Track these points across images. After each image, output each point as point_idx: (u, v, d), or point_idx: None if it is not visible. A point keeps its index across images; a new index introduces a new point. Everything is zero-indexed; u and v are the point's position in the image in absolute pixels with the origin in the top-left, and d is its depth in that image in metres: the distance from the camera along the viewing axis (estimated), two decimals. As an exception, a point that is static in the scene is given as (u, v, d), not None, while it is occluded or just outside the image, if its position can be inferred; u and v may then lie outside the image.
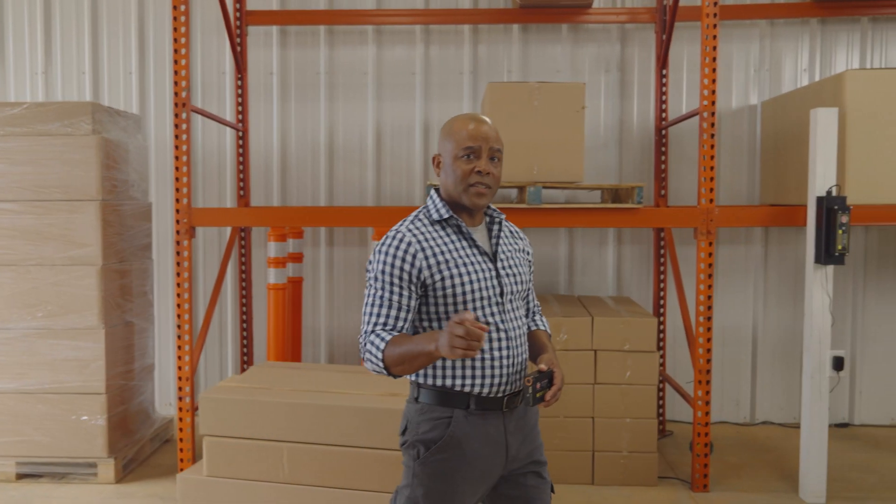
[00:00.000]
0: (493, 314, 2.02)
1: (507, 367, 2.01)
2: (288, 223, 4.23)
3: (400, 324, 1.96)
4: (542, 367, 2.01)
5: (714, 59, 3.84)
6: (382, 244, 2.00)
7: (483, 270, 2.02)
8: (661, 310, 4.98)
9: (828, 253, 3.67)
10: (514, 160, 3.90)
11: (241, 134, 4.99)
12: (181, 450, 3.98)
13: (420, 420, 2.02)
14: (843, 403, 5.15)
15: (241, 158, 5.01)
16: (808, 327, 3.82)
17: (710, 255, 3.90)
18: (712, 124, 3.84)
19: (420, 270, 1.96)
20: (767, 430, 5.05)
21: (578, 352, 4.04)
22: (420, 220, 2.05)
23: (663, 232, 4.90)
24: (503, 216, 2.15)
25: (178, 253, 3.97)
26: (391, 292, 1.95)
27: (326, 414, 3.13)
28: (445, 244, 2.01)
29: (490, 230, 2.12)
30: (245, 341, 5.12)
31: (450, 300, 1.98)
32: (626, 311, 4.22)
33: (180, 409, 3.98)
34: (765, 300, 5.10)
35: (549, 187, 3.96)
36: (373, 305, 1.97)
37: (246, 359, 5.11)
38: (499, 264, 2.07)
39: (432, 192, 2.11)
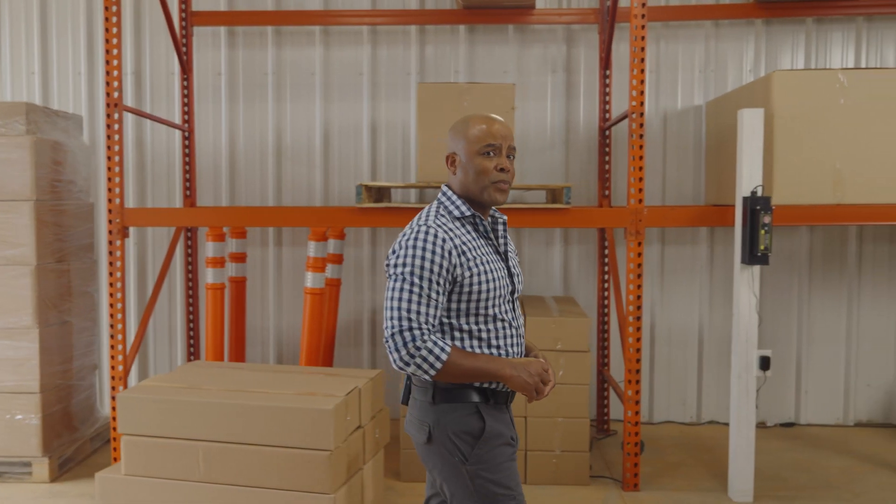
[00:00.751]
0: (506, 312, 2.09)
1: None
2: (220, 223, 4.24)
3: (435, 321, 1.97)
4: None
5: (643, 61, 3.85)
6: (416, 239, 1.98)
7: (499, 269, 2.08)
8: (605, 309, 5.00)
9: (752, 253, 3.69)
10: (439, 160, 3.92)
11: (186, 134, 5.00)
12: (115, 449, 4.00)
13: (449, 420, 2.02)
14: (789, 403, 5.17)
15: (186, 159, 5.02)
16: (736, 327, 3.84)
17: (640, 255, 3.91)
18: (641, 125, 3.85)
19: (455, 267, 1.98)
20: (713, 429, 5.07)
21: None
22: (443, 216, 2.05)
23: (606, 232, 4.92)
24: (505, 217, 2.20)
25: (110, 253, 3.99)
26: (430, 288, 1.95)
27: (240, 413, 3.14)
28: (470, 241, 2.04)
29: (495, 230, 2.17)
30: (192, 340, 5.13)
31: (473, 297, 2.01)
32: (562, 311, 4.24)
33: (113, 409, 3.99)
34: (710, 300, 5.12)
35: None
36: (410, 301, 1.94)
37: (192, 358, 5.12)
38: (509, 263, 2.15)
39: (446, 189, 2.12)
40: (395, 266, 1.98)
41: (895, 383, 5.11)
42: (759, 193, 3.70)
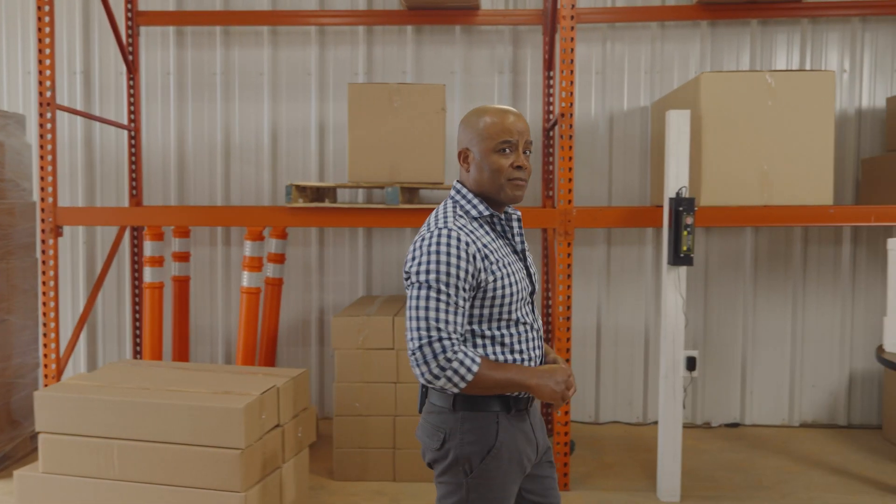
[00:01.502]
0: (526, 314, 2.00)
1: (539, 365, 2.03)
2: (148, 222, 4.25)
3: (462, 330, 1.88)
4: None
5: (572, 62, 3.87)
6: (438, 243, 1.86)
7: (519, 270, 2.00)
8: (549, 310, 5.01)
9: (675, 254, 3.70)
10: (374, 161, 3.95)
11: (132, 134, 5.02)
12: (47, 447, 4.01)
13: (465, 430, 1.93)
14: (734, 404, 5.18)
15: (133, 158, 5.04)
16: (663, 328, 3.85)
17: (569, 255, 3.93)
18: (570, 126, 3.87)
19: (479, 272, 1.89)
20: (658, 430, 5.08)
21: (381, 350, 4.05)
22: (461, 216, 1.96)
23: (547, 233, 4.94)
24: (520, 213, 2.12)
25: (43, 252, 4.00)
26: (456, 296, 1.85)
27: (153, 412, 3.16)
28: (491, 243, 1.95)
29: (511, 228, 2.08)
30: (139, 339, 5.15)
31: (497, 302, 1.92)
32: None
33: (46, 407, 4.00)
34: (656, 301, 5.14)
35: (412, 187, 3.99)
36: (437, 311, 1.83)
37: (139, 357, 5.13)
38: (527, 262, 2.08)
39: (460, 187, 2.02)
40: (418, 273, 1.87)
41: (840, 384, 5.12)
42: (684, 195, 3.72)
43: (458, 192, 2.01)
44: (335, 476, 4.13)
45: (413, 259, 1.90)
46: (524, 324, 1.98)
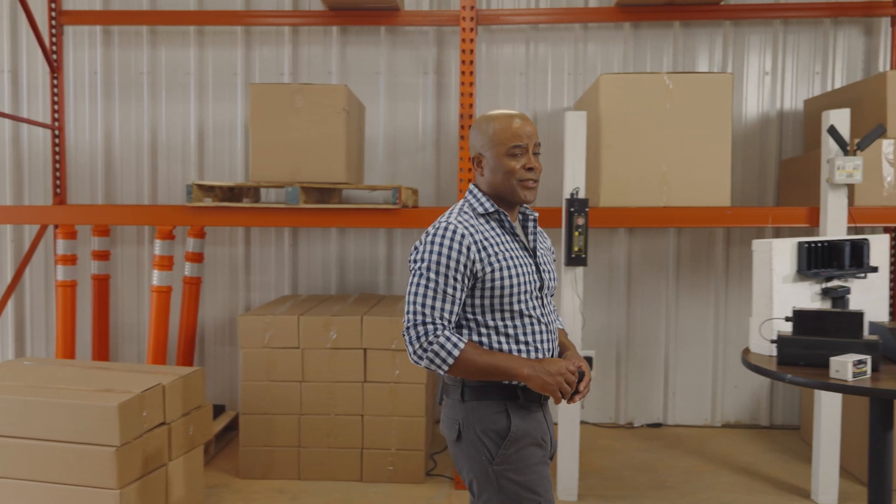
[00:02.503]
0: (534, 308, 2.08)
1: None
2: (63, 221, 4.27)
3: (453, 317, 1.99)
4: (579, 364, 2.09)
5: (472, 63, 3.89)
6: (435, 235, 2.00)
7: (526, 265, 2.08)
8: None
9: (568, 254, 3.72)
10: (276, 160, 3.97)
11: (56, 133, 5.03)
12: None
13: (476, 418, 2.01)
14: (657, 404, 5.20)
15: (57, 157, 5.05)
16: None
17: (470, 255, 3.94)
18: (470, 127, 3.88)
19: (474, 262, 1.99)
20: (584, 429, 5.10)
21: (349, 350, 4.09)
22: (465, 212, 2.08)
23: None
24: (536, 214, 2.21)
25: (-52, 249, 4.02)
26: (446, 284, 1.97)
27: (35, 410, 3.17)
28: (493, 237, 2.05)
29: (525, 227, 2.19)
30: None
31: (497, 292, 2.01)
32: (402, 311, 4.26)
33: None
34: (583, 301, 5.14)
35: (313, 187, 4.01)
36: (425, 297, 1.97)
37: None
38: (538, 259, 2.14)
39: (473, 188, 2.15)
40: (415, 262, 2.02)
41: (762, 385, 5.14)
42: (578, 195, 3.74)
43: (471, 192, 2.14)
44: (241, 474, 4.15)
45: (415, 249, 2.05)
46: (529, 317, 2.06)
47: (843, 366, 2.49)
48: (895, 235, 4.92)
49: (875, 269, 3.02)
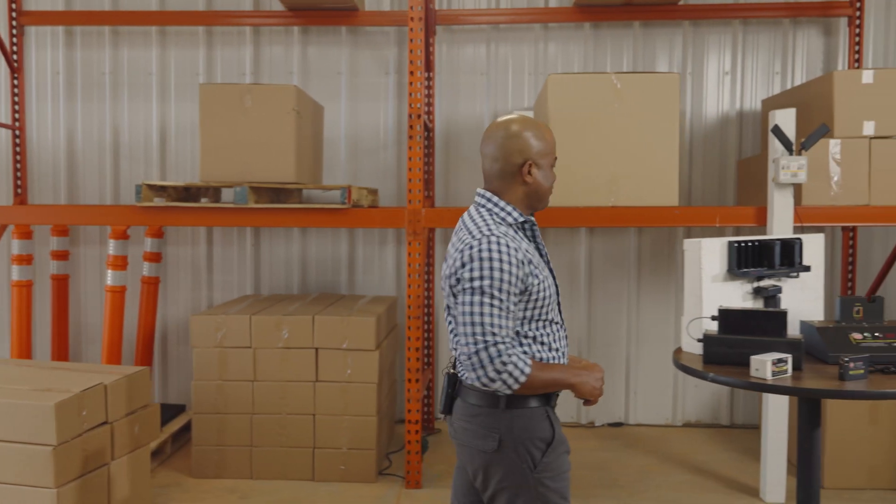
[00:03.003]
0: (557, 313, 2.12)
1: (566, 362, 2.15)
2: (15, 221, 4.28)
3: (513, 333, 1.98)
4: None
5: (422, 63, 3.90)
6: (490, 250, 1.93)
7: (550, 274, 2.09)
8: (429, 309, 5.04)
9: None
10: (226, 160, 3.98)
11: (17, 133, 5.04)
12: None
13: (520, 426, 2.00)
14: (619, 403, 5.21)
15: (17, 157, 5.06)
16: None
17: (420, 254, 3.96)
18: (420, 127, 3.90)
19: (527, 276, 1.97)
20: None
21: (300, 349, 4.10)
22: (501, 224, 2.03)
23: (431, 232, 4.98)
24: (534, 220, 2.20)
25: None
26: (507, 300, 1.93)
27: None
28: (528, 248, 2.04)
29: (538, 233, 2.18)
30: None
31: (539, 304, 2.02)
32: (358, 311, 4.28)
33: None
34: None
35: (266, 187, 4.02)
36: (492, 316, 1.91)
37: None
38: (550, 265, 2.16)
39: (490, 195, 2.09)
40: (472, 280, 1.93)
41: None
42: (523, 195, 3.74)
43: (489, 200, 2.08)
44: (194, 474, 4.16)
45: (464, 266, 1.95)
46: (556, 323, 2.10)
47: (763, 364, 2.49)
48: (852, 235, 4.94)
49: (807, 269, 3.02)
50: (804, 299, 3.08)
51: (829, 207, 3.89)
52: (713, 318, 2.75)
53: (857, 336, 2.78)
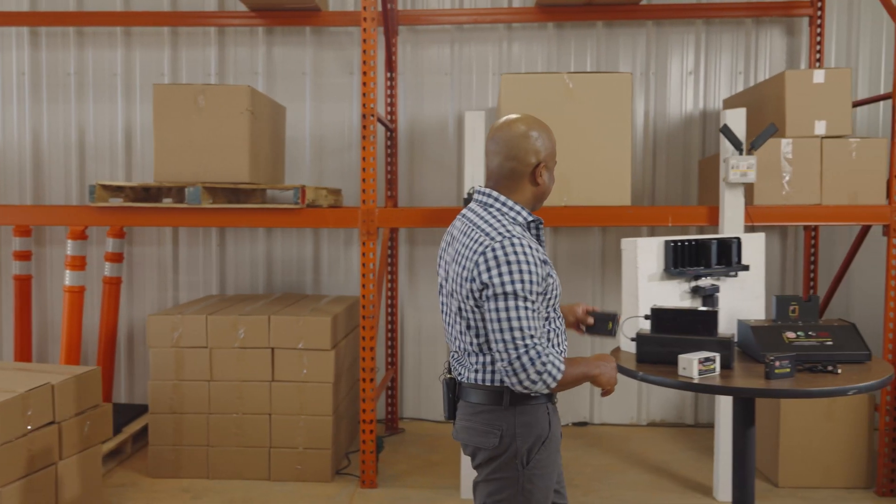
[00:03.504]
0: (557, 309, 2.13)
1: (565, 351, 2.19)
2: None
3: (544, 333, 2.02)
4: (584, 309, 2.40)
5: (374, 64, 3.90)
6: (514, 253, 1.93)
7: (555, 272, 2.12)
8: (391, 308, 5.05)
9: (465, 253, 3.73)
10: (181, 161, 3.99)
11: (-20, 133, 5.06)
12: None
13: (522, 423, 2.02)
14: (584, 403, 5.22)
15: (-19, 157, 5.08)
16: (463, 326, 3.88)
17: (374, 254, 3.96)
18: (373, 127, 3.91)
19: (546, 276, 2.00)
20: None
21: (257, 349, 4.10)
22: (515, 225, 2.03)
23: (393, 232, 4.99)
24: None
25: None
26: (536, 301, 1.96)
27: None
28: (539, 247, 2.05)
29: (540, 233, 2.20)
30: (-10, 338, 5.19)
31: (551, 302, 2.05)
32: (315, 311, 4.29)
33: None
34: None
35: (221, 187, 4.03)
36: (528, 319, 1.92)
37: (-10, 355, 5.17)
38: None
39: (497, 195, 2.08)
40: (503, 284, 1.92)
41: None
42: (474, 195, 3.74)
43: (497, 199, 2.07)
44: (151, 473, 4.17)
45: (488, 270, 1.93)
46: (560, 318, 2.15)
47: (690, 363, 2.50)
48: (814, 234, 4.95)
49: (746, 268, 3.03)
50: (744, 298, 3.09)
51: (780, 207, 3.89)
52: (646, 317, 2.75)
53: (790, 335, 2.79)
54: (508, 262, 1.92)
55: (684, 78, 5.08)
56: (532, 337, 1.92)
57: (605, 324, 2.43)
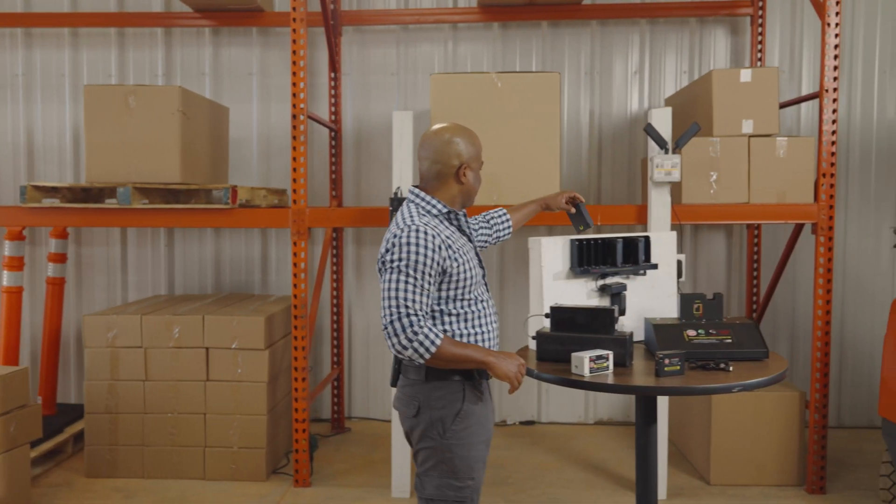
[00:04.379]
0: (482, 293, 2.38)
1: (495, 336, 2.42)
2: None
3: (427, 309, 2.21)
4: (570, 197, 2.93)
5: (304, 64, 3.91)
6: (409, 236, 2.19)
7: (474, 257, 2.37)
8: (337, 308, 5.06)
9: (391, 253, 3.74)
10: (112, 161, 4.01)
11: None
12: None
13: (436, 396, 2.27)
14: (531, 402, 5.23)
15: (-76, 159, 5.08)
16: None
17: (304, 254, 3.98)
18: (302, 127, 3.92)
19: (444, 259, 2.22)
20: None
21: (191, 349, 4.12)
22: (424, 215, 2.29)
23: (337, 232, 5.00)
24: (465, 210, 2.46)
25: None
26: (423, 280, 2.18)
27: None
28: (451, 235, 2.30)
29: (465, 222, 2.43)
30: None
31: (460, 284, 2.28)
32: (254, 311, 4.30)
33: None
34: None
35: (151, 188, 4.04)
36: (406, 291, 2.16)
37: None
38: (476, 249, 2.45)
39: (418, 192, 2.36)
40: (392, 261, 2.19)
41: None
42: (400, 194, 3.77)
43: (417, 195, 2.36)
44: (88, 473, 4.18)
45: (387, 251, 2.22)
46: (482, 301, 2.37)
47: (581, 361, 2.51)
48: (756, 232, 4.96)
49: (655, 266, 3.04)
50: (656, 297, 3.10)
51: (708, 205, 3.91)
52: (546, 315, 2.76)
53: (691, 333, 2.81)
54: (401, 245, 2.19)
55: (629, 77, 5.09)
56: (408, 307, 2.16)
57: (578, 222, 2.97)
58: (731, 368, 2.57)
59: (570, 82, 5.09)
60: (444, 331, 2.29)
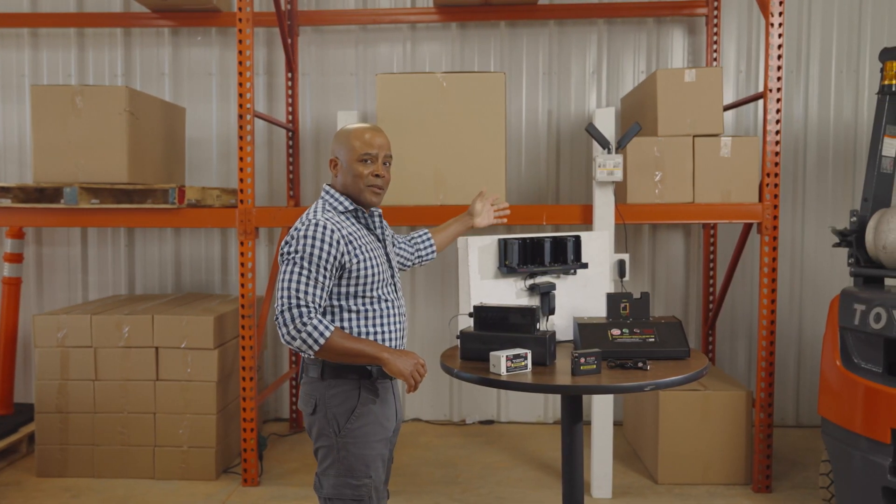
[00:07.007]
0: (389, 293, 2.38)
1: (400, 338, 2.42)
2: None
3: (322, 302, 2.24)
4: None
5: (251, 64, 3.93)
6: (307, 230, 2.22)
7: (380, 255, 2.38)
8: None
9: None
10: (59, 161, 4.01)
11: None
12: None
13: (331, 394, 2.28)
14: (490, 401, 5.24)
15: None
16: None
17: (252, 254, 3.99)
18: (249, 127, 3.93)
19: (342, 255, 2.24)
20: (416, 426, 5.14)
21: (141, 349, 4.13)
22: (329, 210, 2.32)
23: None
24: (380, 210, 2.51)
25: None
26: (318, 273, 2.21)
27: None
28: (354, 232, 2.32)
29: (373, 221, 2.45)
30: None
31: (361, 281, 2.28)
32: (203, 310, 4.30)
33: None
34: (416, 300, 5.19)
35: (100, 188, 4.05)
36: (299, 283, 2.19)
37: None
38: (387, 249, 2.45)
39: (328, 188, 2.40)
40: (289, 253, 2.22)
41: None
42: (344, 194, 3.77)
43: (327, 192, 2.39)
44: (39, 473, 4.18)
45: (286, 243, 2.25)
46: (386, 300, 2.36)
47: (498, 360, 2.51)
48: (713, 232, 4.98)
49: (585, 266, 3.05)
50: (589, 296, 3.11)
51: (652, 205, 3.92)
52: (470, 314, 2.77)
53: (615, 332, 2.82)
54: (299, 238, 2.23)
55: (588, 77, 5.10)
56: (299, 299, 2.18)
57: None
58: (648, 367, 2.57)
59: (529, 82, 5.10)
60: (343, 327, 2.29)
